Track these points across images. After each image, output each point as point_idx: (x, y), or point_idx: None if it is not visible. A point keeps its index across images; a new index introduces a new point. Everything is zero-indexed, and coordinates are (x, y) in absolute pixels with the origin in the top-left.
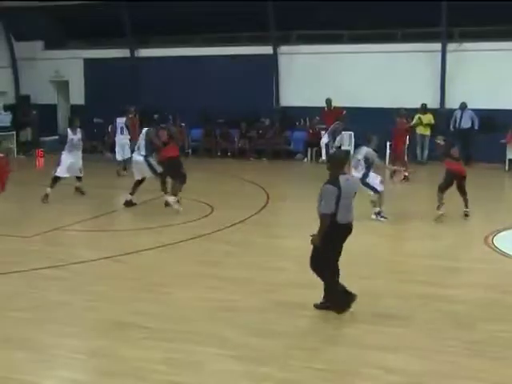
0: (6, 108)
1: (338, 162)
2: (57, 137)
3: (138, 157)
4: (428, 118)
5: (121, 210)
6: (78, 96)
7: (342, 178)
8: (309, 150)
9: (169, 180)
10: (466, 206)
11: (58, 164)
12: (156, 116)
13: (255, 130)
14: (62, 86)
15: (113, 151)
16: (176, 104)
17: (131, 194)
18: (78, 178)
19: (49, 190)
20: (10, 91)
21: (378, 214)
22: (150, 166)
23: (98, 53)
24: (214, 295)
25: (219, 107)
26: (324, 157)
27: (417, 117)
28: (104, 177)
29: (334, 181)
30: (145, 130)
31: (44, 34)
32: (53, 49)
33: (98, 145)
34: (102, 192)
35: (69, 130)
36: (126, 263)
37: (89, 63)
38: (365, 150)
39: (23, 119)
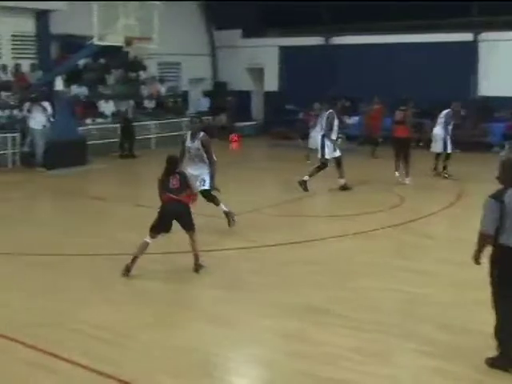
0: (205, 94)
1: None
2: (251, 122)
3: (318, 136)
4: None
5: (312, 195)
6: (272, 83)
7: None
8: (506, 142)
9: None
10: None
11: None
12: (347, 104)
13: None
14: (258, 73)
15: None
16: (368, 92)
17: (340, 177)
18: (207, 196)
19: None
20: (208, 78)
21: None
22: (322, 147)
23: (294, 40)
24: (404, 287)
25: (411, 96)
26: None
27: None
28: (295, 162)
29: (497, 193)
30: (328, 112)
31: (243, 23)
32: (250, 37)
33: (289, 132)
34: (294, 178)
35: (188, 135)
36: (317, 248)
37: (284, 51)
38: None
39: (220, 105)
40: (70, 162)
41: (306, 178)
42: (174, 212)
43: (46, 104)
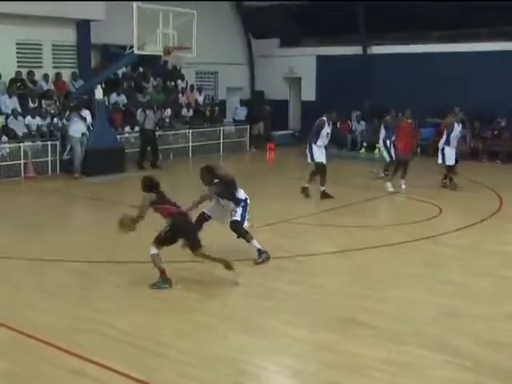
0: (242, 103)
1: None
2: (288, 131)
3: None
4: None
5: (348, 205)
6: (309, 92)
7: None
8: None
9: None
10: None
11: None
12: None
13: (490, 131)
14: (295, 83)
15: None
16: (406, 101)
17: (308, 181)
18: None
19: None
20: (246, 87)
21: None
22: (310, 151)
23: (331, 50)
24: (437, 299)
25: (451, 106)
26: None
27: None
28: (331, 171)
29: None
30: (319, 119)
31: (280, 32)
32: (288, 46)
33: None
34: (331, 187)
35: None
36: (352, 259)
37: (321, 60)
38: None
39: (257, 114)
40: (108, 170)
41: (321, 188)
42: (184, 224)
43: (86, 112)
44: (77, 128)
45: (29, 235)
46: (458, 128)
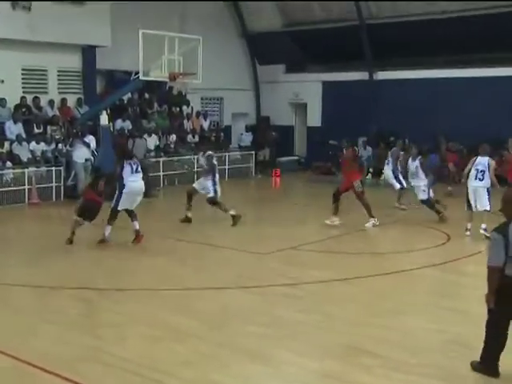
0: (248, 129)
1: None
2: (293, 157)
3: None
4: None
5: (354, 232)
6: (315, 118)
7: None
8: None
9: None
10: None
11: None
12: (392, 139)
13: (497, 157)
14: (300, 109)
15: None
16: (413, 127)
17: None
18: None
19: None
20: (251, 113)
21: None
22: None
23: (337, 76)
24: (447, 327)
25: (457, 132)
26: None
27: None
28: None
29: (501, 227)
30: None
31: (286, 58)
32: (293, 72)
33: (332, 167)
34: (338, 214)
35: None
36: (358, 286)
37: (327, 86)
38: None
39: (262, 140)
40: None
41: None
42: (95, 209)
43: (90, 138)
44: (80, 154)
45: (31, 261)
46: (412, 164)
